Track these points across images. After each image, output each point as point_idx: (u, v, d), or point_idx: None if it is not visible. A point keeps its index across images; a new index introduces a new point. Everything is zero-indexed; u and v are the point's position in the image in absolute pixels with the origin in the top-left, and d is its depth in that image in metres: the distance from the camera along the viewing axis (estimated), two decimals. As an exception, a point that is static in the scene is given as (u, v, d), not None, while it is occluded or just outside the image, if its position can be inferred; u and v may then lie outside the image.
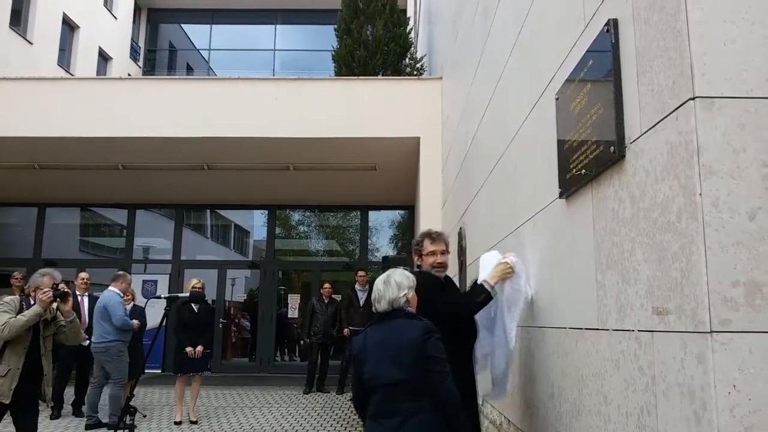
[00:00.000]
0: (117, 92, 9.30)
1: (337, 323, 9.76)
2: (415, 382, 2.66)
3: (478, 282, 3.31)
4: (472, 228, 5.78)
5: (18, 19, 15.87)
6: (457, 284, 5.90)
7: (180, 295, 4.08)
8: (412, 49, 13.33)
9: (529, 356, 3.52)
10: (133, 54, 22.62)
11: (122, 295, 7.16)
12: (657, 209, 1.92)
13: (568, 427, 2.77)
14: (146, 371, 8.39)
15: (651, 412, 1.93)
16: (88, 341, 7.14)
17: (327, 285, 10.08)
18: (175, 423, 7.11)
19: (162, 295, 3.84)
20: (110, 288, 7.25)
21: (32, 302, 4.17)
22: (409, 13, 16.19)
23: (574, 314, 2.74)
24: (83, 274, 8.01)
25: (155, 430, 6.95)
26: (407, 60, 12.99)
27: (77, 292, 7.80)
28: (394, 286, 2.83)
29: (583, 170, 2.57)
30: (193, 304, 7.24)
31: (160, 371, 11.19)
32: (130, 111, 8.84)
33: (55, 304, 4.18)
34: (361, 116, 8.68)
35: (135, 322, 7.27)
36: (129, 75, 19.57)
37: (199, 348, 7.24)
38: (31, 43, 16.09)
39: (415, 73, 12.62)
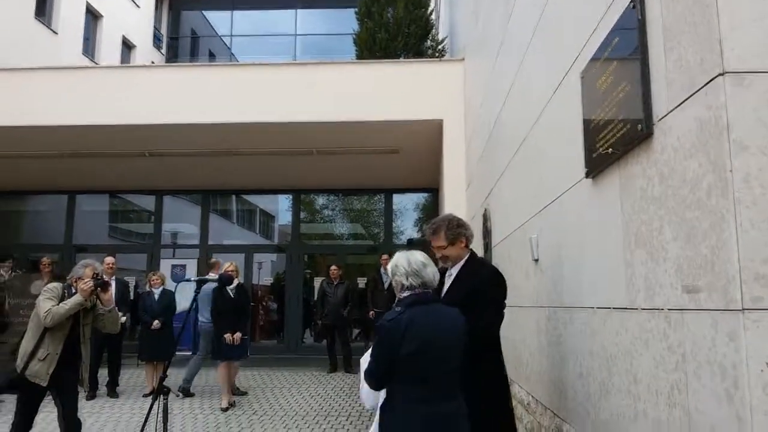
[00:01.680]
0: (141, 80, 9.40)
1: (349, 305, 9.93)
2: (460, 367, 2.70)
3: None
4: (497, 209, 5.76)
5: (43, 9, 16.08)
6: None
7: (209, 277, 4.14)
8: (434, 31, 13.22)
9: (557, 336, 3.53)
10: (156, 42, 22.79)
11: None
12: (686, 187, 1.90)
13: (597, 406, 2.78)
14: (178, 353, 8.57)
15: (682, 391, 1.93)
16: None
17: (334, 267, 10.31)
18: (222, 409, 7.16)
19: (191, 278, 3.92)
20: (210, 275, 7.94)
21: (74, 291, 4.29)
22: (430, -6, 16.04)
23: (601, 294, 2.73)
24: (109, 259, 8.17)
25: (188, 410, 7.11)
26: (429, 42, 12.89)
27: (105, 278, 7.97)
28: (432, 264, 2.79)
29: (610, 149, 2.55)
30: (229, 289, 7.33)
31: (191, 353, 11.35)
32: (155, 98, 8.93)
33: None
34: (383, 99, 8.65)
35: None
36: (152, 63, 19.74)
37: (238, 334, 7.28)
38: (55, 33, 16.30)
39: (437, 55, 12.52)
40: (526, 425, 4.19)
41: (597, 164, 2.74)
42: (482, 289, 3.15)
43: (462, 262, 3.32)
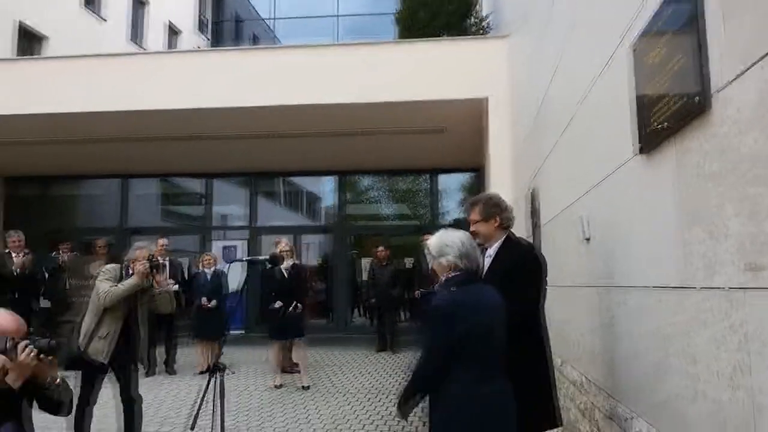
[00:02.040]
0: (188, 65, 9.60)
1: (397, 285, 10.01)
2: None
3: None
4: (544, 189, 5.68)
5: (90, -4, 16.48)
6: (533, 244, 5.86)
7: (260, 258, 4.23)
8: (478, 7, 13.00)
9: (609, 317, 3.47)
10: (201, 27, 23.10)
11: None
12: (747, 161, 1.84)
13: (654, 387, 2.73)
14: (230, 332, 8.80)
15: (744, 371, 1.88)
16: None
17: (380, 248, 10.40)
18: (275, 387, 7.32)
19: (243, 258, 4.02)
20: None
21: (130, 273, 4.45)
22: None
23: (656, 273, 2.67)
24: (162, 241, 8.46)
25: (242, 387, 7.30)
26: (471, 20, 12.69)
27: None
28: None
29: (665, 124, 2.47)
30: (283, 269, 7.40)
31: (243, 332, 11.64)
32: (201, 83, 9.09)
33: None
34: (425, 79, 8.57)
35: None
36: (198, 47, 20.03)
37: (293, 308, 7.24)
38: (103, 21, 16.68)
39: (480, 32, 12.33)
40: (579, 406, 4.15)
41: (650, 140, 2.66)
42: (517, 270, 3.13)
43: (499, 243, 3.32)
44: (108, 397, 4.66)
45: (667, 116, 2.44)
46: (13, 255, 8.23)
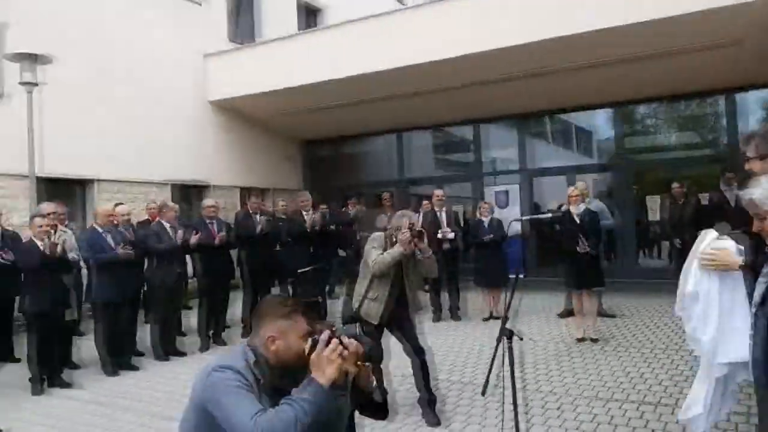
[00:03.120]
0: (443, 15, 9.76)
1: (701, 225, 8.81)
2: None
3: None
4: None
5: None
6: None
7: (541, 217, 4.03)
8: None
9: None
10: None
11: None
12: None
13: None
14: (512, 278, 8.83)
15: None
16: None
17: (676, 184, 9.30)
18: (578, 340, 7.06)
19: (523, 218, 3.85)
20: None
21: (394, 240, 4.63)
22: None
23: None
24: (438, 192, 8.81)
25: (537, 337, 7.26)
26: None
27: (435, 209, 8.61)
28: None
29: None
30: (576, 215, 7.00)
31: (522, 276, 11.59)
32: (461, 30, 9.28)
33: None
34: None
35: None
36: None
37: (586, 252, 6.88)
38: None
39: None
40: None
41: None
42: None
43: None
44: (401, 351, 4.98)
45: None
46: (304, 213, 8.90)
